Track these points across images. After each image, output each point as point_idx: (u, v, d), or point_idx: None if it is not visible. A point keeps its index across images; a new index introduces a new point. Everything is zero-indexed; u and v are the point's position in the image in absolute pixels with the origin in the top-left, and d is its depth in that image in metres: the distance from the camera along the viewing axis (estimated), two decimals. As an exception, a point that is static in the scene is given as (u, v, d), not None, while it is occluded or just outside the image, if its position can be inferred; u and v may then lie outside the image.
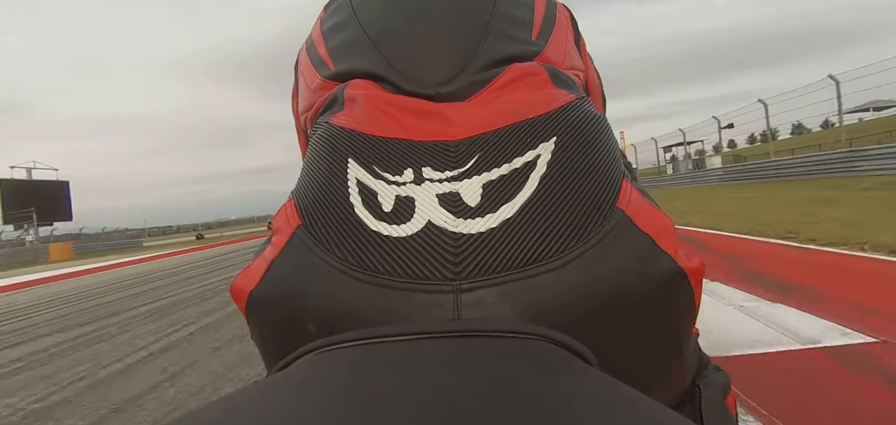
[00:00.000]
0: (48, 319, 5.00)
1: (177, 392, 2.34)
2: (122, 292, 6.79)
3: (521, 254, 0.33)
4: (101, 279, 9.66)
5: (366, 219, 0.35)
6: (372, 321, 0.33)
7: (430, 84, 0.40)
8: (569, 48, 0.50)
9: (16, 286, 10.37)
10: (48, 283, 10.22)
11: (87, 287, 8.24)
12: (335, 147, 0.40)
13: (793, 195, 8.72)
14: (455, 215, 0.34)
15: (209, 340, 3.29)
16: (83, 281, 9.76)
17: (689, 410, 0.42)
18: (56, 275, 12.77)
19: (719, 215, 7.06)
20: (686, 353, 0.41)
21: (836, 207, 5.93)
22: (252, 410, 0.24)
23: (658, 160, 31.21)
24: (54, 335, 4.09)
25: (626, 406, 0.23)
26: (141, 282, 7.90)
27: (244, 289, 0.40)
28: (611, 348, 0.33)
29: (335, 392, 0.24)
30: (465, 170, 0.36)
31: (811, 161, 14.16)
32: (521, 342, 0.29)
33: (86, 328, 4.24)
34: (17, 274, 15.60)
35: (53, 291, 8.17)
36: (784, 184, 12.72)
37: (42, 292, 8.28)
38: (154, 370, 2.73)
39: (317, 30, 0.53)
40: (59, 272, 13.81)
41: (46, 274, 13.76)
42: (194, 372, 2.62)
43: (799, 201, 7.36)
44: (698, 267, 0.38)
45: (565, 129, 0.38)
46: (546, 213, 0.34)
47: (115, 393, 2.42)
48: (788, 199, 8.02)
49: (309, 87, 0.50)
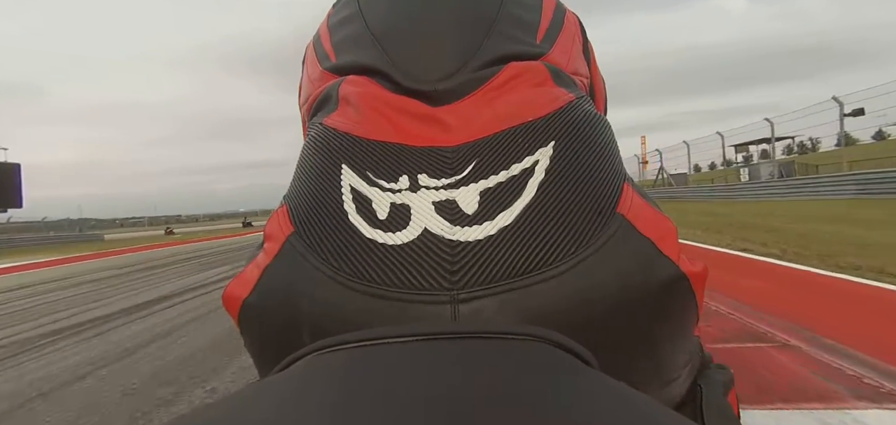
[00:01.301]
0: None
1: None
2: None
3: (520, 263, 0.33)
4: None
5: (360, 227, 0.35)
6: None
7: (429, 80, 0.40)
8: (574, 53, 0.50)
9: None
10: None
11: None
12: (329, 151, 0.39)
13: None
14: (452, 223, 0.34)
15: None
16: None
17: (690, 409, 0.42)
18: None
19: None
20: (688, 355, 0.41)
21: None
22: (251, 411, 0.23)
23: (720, 162, 24.77)
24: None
25: (625, 405, 0.23)
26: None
27: (237, 296, 0.39)
28: (611, 352, 0.33)
29: (334, 393, 0.24)
30: (462, 178, 0.36)
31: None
32: (519, 343, 0.29)
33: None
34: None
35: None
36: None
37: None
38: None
39: (324, 25, 0.54)
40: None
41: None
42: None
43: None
44: (701, 271, 0.38)
45: (564, 133, 0.38)
46: (545, 220, 0.34)
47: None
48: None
49: (310, 78, 0.50)
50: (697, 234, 6.04)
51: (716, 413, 0.42)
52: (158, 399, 1.73)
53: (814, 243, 4.34)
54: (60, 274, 7.46)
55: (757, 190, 16.67)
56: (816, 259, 3.54)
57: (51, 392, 1.91)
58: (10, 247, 22.46)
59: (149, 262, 8.39)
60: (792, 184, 15.19)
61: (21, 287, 5.92)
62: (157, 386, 1.88)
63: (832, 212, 7.88)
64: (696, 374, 0.44)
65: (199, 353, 2.31)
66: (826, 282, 2.84)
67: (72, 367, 2.22)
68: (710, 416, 0.41)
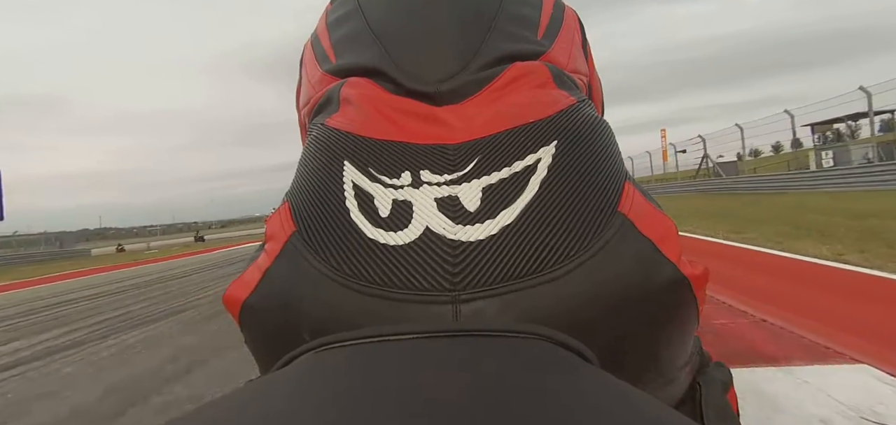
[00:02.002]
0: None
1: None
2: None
3: (522, 264, 0.32)
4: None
5: (362, 226, 0.35)
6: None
7: (431, 81, 0.40)
8: (574, 51, 0.49)
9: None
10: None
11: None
12: (331, 149, 0.39)
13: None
14: (454, 221, 0.34)
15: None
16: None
17: (689, 408, 0.42)
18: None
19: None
20: (687, 355, 0.42)
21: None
22: (252, 407, 0.23)
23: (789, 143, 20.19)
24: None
25: (625, 404, 0.23)
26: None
27: (237, 298, 0.39)
28: (612, 352, 0.33)
29: (334, 390, 0.24)
30: (465, 174, 0.36)
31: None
32: (520, 341, 0.29)
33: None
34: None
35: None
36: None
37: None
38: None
39: (322, 23, 0.52)
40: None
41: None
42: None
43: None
44: (702, 274, 0.38)
45: (566, 133, 0.38)
46: (546, 220, 0.34)
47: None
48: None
49: (310, 81, 0.49)
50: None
51: (715, 411, 0.42)
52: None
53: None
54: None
55: (850, 177, 12.37)
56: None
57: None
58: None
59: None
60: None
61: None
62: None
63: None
64: (696, 373, 0.45)
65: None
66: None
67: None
68: (710, 415, 0.41)
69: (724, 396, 0.44)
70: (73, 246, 32.56)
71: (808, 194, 11.94)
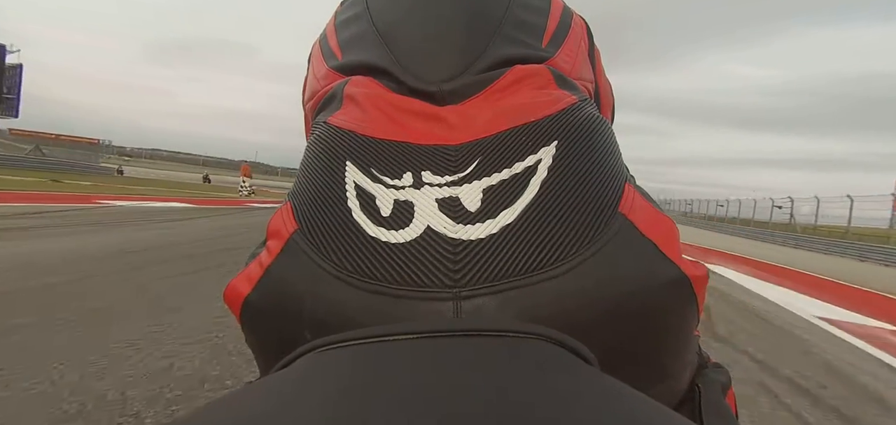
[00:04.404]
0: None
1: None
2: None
3: (522, 262, 0.33)
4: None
5: (363, 224, 0.35)
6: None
7: (433, 81, 0.40)
8: (579, 58, 0.50)
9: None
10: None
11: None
12: (333, 148, 0.40)
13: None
14: (455, 220, 0.34)
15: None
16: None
17: (688, 409, 0.43)
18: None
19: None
20: (687, 356, 0.42)
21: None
22: (254, 407, 0.24)
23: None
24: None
25: (624, 404, 0.23)
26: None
27: (239, 294, 0.39)
28: (612, 352, 0.33)
29: (336, 389, 0.24)
30: (466, 175, 0.36)
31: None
32: (520, 341, 0.29)
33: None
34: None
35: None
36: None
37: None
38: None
39: (331, 23, 0.54)
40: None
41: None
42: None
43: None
44: (702, 274, 0.39)
45: (567, 133, 0.39)
46: (547, 219, 0.34)
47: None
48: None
49: (316, 76, 0.51)
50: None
51: (714, 412, 0.42)
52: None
53: None
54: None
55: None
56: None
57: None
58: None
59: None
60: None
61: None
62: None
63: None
64: (695, 374, 0.45)
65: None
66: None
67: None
68: (709, 416, 0.41)
69: (723, 397, 0.45)
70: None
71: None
